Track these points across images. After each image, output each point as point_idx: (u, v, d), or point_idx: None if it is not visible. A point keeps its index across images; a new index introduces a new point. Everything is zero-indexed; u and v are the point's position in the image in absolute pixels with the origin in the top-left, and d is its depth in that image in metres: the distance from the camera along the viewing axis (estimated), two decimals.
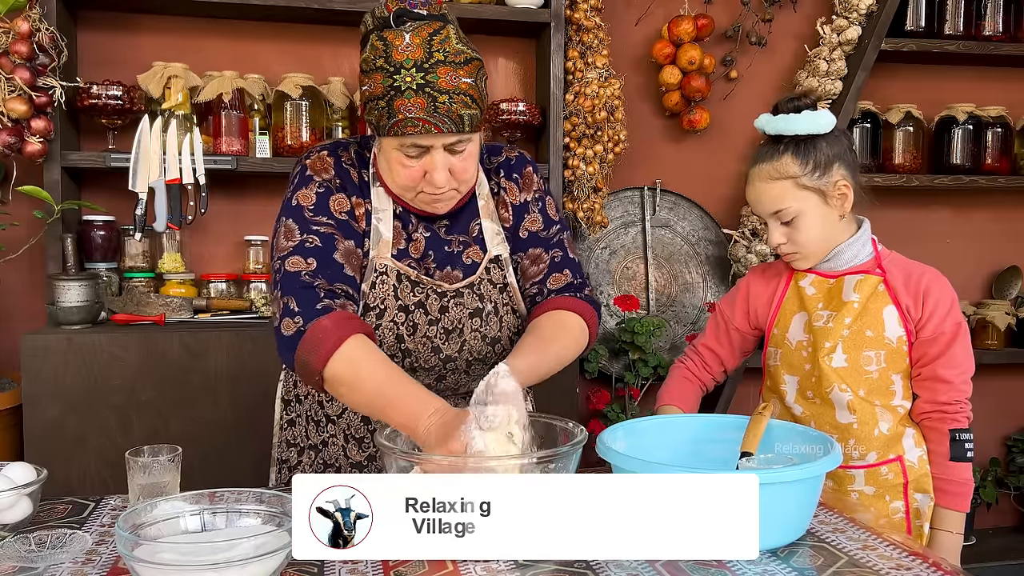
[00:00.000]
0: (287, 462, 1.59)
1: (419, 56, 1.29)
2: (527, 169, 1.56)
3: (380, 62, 1.31)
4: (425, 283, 1.45)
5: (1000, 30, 3.03)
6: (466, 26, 2.68)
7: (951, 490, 1.57)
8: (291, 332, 1.30)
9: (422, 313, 1.44)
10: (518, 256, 1.54)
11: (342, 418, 1.54)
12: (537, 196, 1.55)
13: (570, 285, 1.52)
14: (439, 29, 1.32)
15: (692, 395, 1.76)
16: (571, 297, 1.49)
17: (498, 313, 1.50)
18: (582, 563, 1.10)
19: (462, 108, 1.31)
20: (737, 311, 1.73)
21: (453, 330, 1.46)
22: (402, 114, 1.29)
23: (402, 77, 1.29)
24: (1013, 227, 3.32)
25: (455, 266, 1.48)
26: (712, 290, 3.11)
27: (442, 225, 1.49)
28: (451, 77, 1.30)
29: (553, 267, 1.52)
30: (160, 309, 2.43)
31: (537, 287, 1.52)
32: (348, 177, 1.45)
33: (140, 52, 2.59)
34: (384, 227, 1.45)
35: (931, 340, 1.56)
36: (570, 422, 1.31)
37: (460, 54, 1.32)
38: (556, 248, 1.54)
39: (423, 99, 1.28)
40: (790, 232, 1.59)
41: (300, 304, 1.31)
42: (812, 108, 1.57)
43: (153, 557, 0.98)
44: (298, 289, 1.33)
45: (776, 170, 1.57)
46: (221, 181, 2.60)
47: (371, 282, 1.43)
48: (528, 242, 1.53)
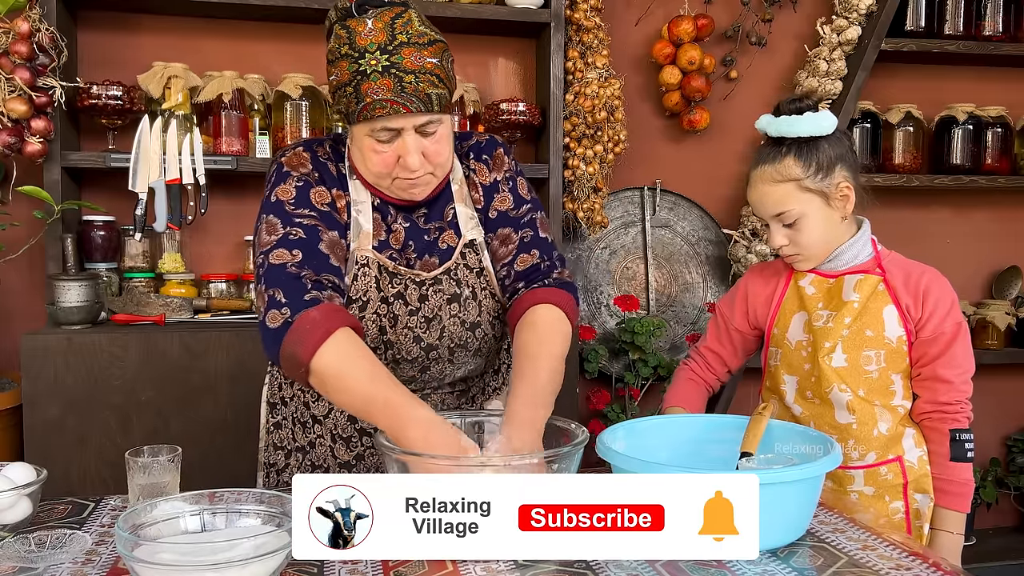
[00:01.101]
0: (275, 466, 1.58)
1: (383, 39, 1.30)
2: (497, 151, 1.55)
3: (345, 49, 1.32)
4: (403, 273, 1.44)
5: (1000, 30, 3.03)
6: (466, 26, 2.73)
7: (951, 490, 1.57)
8: (277, 324, 1.28)
9: (402, 304, 1.44)
10: (489, 236, 1.52)
11: (328, 418, 1.53)
12: (508, 176, 1.54)
13: (536, 268, 1.49)
14: (400, 13, 1.33)
15: (698, 396, 1.75)
16: (540, 288, 1.46)
17: (476, 298, 1.49)
18: (582, 563, 1.10)
19: (429, 87, 1.31)
20: (736, 312, 1.73)
21: (433, 318, 1.46)
22: (370, 97, 1.30)
23: (367, 61, 1.30)
24: (1013, 227, 3.32)
25: (432, 253, 1.48)
26: (712, 290, 3.11)
27: (420, 215, 1.49)
28: (416, 57, 1.31)
29: (521, 247, 1.50)
30: (160, 309, 2.43)
31: (506, 269, 1.50)
32: (326, 170, 1.45)
33: (140, 52, 2.59)
34: (364, 219, 1.45)
35: (931, 340, 1.56)
36: (571, 422, 1.31)
37: (423, 35, 1.33)
38: (527, 228, 1.51)
39: (389, 80, 1.29)
40: (792, 234, 1.58)
41: (287, 295, 1.29)
42: (814, 109, 1.56)
43: (153, 557, 0.98)
44: (284, 281, 1.31)
45: (779, 172, 1.56)
46: (221, 181, 2.60)
47: (353, 274, 1.43)
48: (497, 222, 1.52)
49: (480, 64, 2.89)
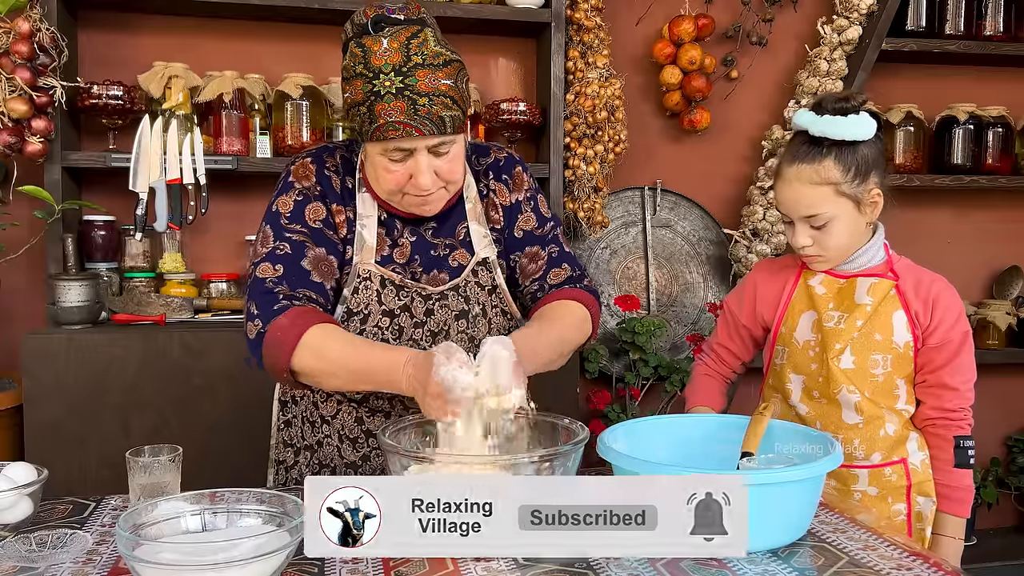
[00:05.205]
0: (284, 463, 1.60)
1: (397, 60, 1.30)
2: (516, 169, 1.57)
3: (360, 68, 1.32)
4: (410, 287, 1.46)
5: (1000, 30, 3.03)
6: (466, 26, 2.73)
7: (954, 496, 1.57)
8: (254, 335, 1.37)
9: (407, 316, 1.46)
10: (515, 255, 1.56)
11: (336, 419, 1.55)
12: (529, 195, 1.57)
13: (570, 278, 1.55)
14: (416, 32, 1.33)
15: (719, 392, 1.75)
16: (572, 288, 1.52)
17: (486, 315, 1.51)
18: (583, 563, 1.10)
19: (443, 110, 1.32)
20: (744, 309, 1.71)
21: (439, 332, 1.47)
22: (383, 119, 1.31)
23: (381, 82, 1.30)
24: (1014, 227, 3.32)
25: (441, 269, 1.50)
26: (713, 290, 3.11)
27: (429, 228, 1.50)
28: (430, 80, 1.31)
29: (551, 263, 1.55)
30: (160, 309, 2.43)
31: (538, 283, 1.55)
32: (329, 184, 1.47)
33: (141, 52, 2.59)
34: (368, 233, 1.47)
35: (937, 347, 1.55)
36: (572, 421, 1.31)
37: (439, 56, 1.33)
38: (552, 244, 1.57)
39: (403, 103, 1.30)
40: (819, 236, 1.55)
41: (259, 308, 1.37)
42: (856, 112, 1.52)
43: (154, 557, 0.98)
44: (259, 294, 1.39)
45: (818, 174, 1.52)
46: (222, 181, 2.60)
47: (354, 287, 1.45)
48: (524, 241, 1.56)
49: (481, 64, 2.89)
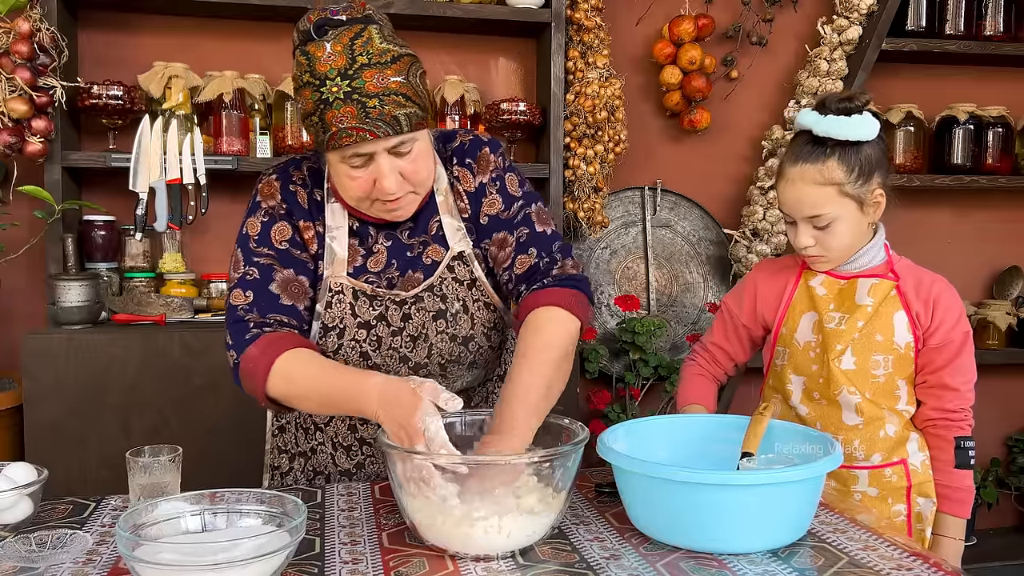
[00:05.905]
0: (279, 468, 1.59)
1: (342, 64, 1.25)
2: (482, 151, 1.48)
3: (306, 77, 1.27)
4: (382, 295, 1.42)
5: (1000, 30, 3.03)
6: (467, 26, 2.73)
7: (954, 497, 1.57)
8: (231, 366, 1.39)
9: (384, 325, 1.43)
10: (485, 243, 1.47)
11: (329, 426, 1.54)
12: (494, 176, 1.47)
13: (535, 269, 1.44)
14: (360, 32, 1.27)
15: (710, 391, 1.73)
16: (540, 291, 1.41)
17: (468, 311, 1.46)
18: (583, 563, 1.11)
19: (396, 108, 1.26)
20: (744, 309, 1.70)
21: (418, 336, 1.44)
22: (335, 126, 1.26)
23: (328, 88, 1.25)
24: (1014, 227, 3.32)
25: (416, 268, 1.45)
26: (713, 290, 3.11)
27: (405, 229, 1.45)
28: (378, 79, 1.25)
29: (518, 248, 1.45)
30: (160, 309, 2.43)
31: (507, 273, 1.46)
32: (295, 200, 1.43)
33: (141, 52, 2.59)
34: (338, 245, 1.43)
35: (938, 348, 1.55)
36: (572, 421, 1.31)
37: (385, 53, 1.27)
38: (521, 226, 1.46)
39: (352, 107, 1.25)
40: (821, 236, 1.55)
41: (232, 338, 1.39)
42: (860, 112, 1.51)
43: (154, 557, 0.98)
44: (231, 323, 1.39)
45: (821, 174, 1.51)
46: (222, 181, 2.60)
47: (326, 302, 1.42)
48: (490, 227, 1.46)
49: (480, 64, 2.89)
